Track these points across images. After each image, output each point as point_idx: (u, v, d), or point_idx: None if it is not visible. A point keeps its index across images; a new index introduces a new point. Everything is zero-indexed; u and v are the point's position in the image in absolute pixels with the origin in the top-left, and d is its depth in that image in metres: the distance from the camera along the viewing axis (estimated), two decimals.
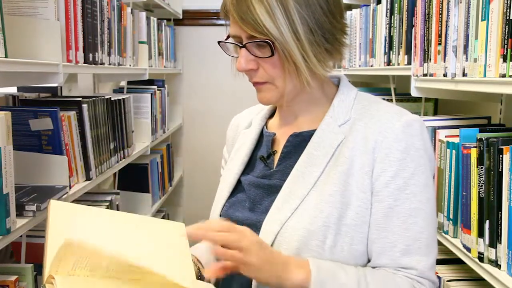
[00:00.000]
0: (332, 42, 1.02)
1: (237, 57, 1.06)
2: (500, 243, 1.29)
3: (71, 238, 0.93)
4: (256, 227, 1.04)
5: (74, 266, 0.90)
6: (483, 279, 1.35)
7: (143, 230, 1.03)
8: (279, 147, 1.11)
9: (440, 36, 1.58)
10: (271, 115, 1.20)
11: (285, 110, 1.13)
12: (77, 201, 1.91)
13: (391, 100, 2.25)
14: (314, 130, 1.07)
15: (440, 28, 1.58)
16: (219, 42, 1.09)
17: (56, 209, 0.97)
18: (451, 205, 1.54)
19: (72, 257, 0.90)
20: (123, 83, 3.14)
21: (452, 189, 1.53)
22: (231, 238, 0.92)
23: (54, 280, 0.86)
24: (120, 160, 2.34)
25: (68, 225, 0.96)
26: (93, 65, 1.97)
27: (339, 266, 0.97)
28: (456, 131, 1.57)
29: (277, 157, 1.11)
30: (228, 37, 1.07)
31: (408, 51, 1.95)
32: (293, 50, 0.98)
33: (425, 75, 1.70)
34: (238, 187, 1.14)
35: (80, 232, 0.95)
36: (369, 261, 1.02)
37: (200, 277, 1.14)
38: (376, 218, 0.99)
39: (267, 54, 1.00)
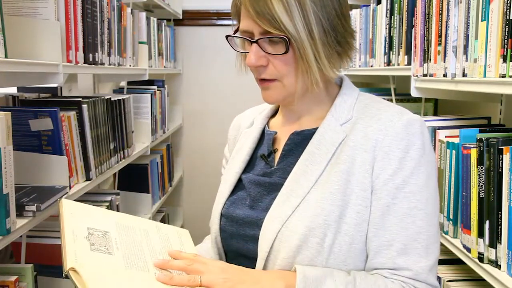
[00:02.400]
0: (343, 45, 1.03)
1: (244, 52, 1.06)
2: (500, 244, 1.29)
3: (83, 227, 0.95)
4: (256, 224, 1.04)
5: (91, 249, 0.92)
6: (483, 280, 1.35)
7: (152, 231, 1.05)
8: (280, 146, 1.11)
9: (440, 36, 1.58)
10: (273, 115, 1.20)
11: (288, 110, 1.13)
12: (77, 201, 1.91)
13: (391, 101, 2.25)
14: (315, 129, 1.07)
15: (440, 28, 1.58)
16: (227, 37, 1.08)
17: (69, 207, 0.99)
18: (451, 205, 1.54)
19: (86, 242, 0.92)
20: (123, 83, 3.14)
21: (452, 189, 1.53)
22: (190, 267, 0.96)
23: (76, 271, 0.86)
24: (120, 160, 2.34)
25: (82, 220, 0.98)
26: (93, 65, 1.97)
27: (328, 273, 0.96)
28: (456, 131, 1.57)
29: (278, 155, 1.11)
30: (236, 31, 1.07)
31: (408, 52, 1.95)
32: (307, 49, 0.99)
33: (425, 75, 1.70)
34: (239, 185, 1.14)
35: (93, 225, 0.98)
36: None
37: None
38: (374, 216, 0.99)
39: (280, 51, 1.00)
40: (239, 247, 1.08)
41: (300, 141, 1.08)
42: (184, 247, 1.06)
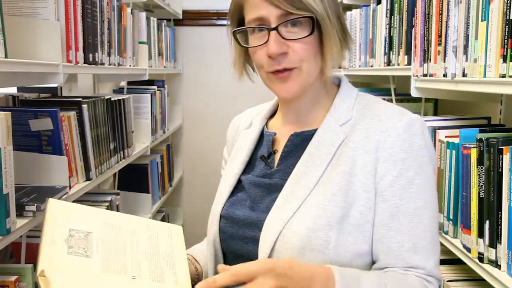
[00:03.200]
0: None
1: (254, 47, 1.03)
2: (500, 244, 1.29)
3: (64, 227, 0.94)
4: (257, 226, 1.04)
5: (68, 252, 0.90)
6: (483, 280, 1.35)
7: (140, 230, 1.04)
8: (280, 147, 1.11)
9: (440, 36, 1.58)
10: (272, 116, 1.20)
11: (288, 110, 1.13)
12: (77, 201, 1.91)
13: (391, 101, 2.25)
14: (315, 130, 1.07)
15: (440, 28, 1.58)
16: (234, 32, 1.05)
17: (55, 207, 0.98)
18: (451, 205, 1.54)
19: (65, 245, 0.91)
20: (123, 83, 3.14)
21: (452, 189, 1.53)
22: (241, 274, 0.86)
23: (45, 275, 0.85)
24: (120, 160, 2.34)
25: (65, 222, 0.97)
26: (93, 65, 1.97)
27: (361, 274, 0.95)
28: (456, 131, 1.57)
29: (277, 156, 1.11)
30: (238, 26, 1.06)
31: (408, 52, 1.95)
32: (328, 28, 1.00)
33: (425, 75, 1.70)
34: (238, 186, 1.14)
35: (76, 227, 0.97)
36: (373, 261, 1.02)
37: (196, 276, 1.14)
38: (381, 218, 0.99)
39: (301, 35, 0.99)
40: (239, 248, 1.08)
41: (299, 142, 1.08)
42: (173, 245, 1.04)
